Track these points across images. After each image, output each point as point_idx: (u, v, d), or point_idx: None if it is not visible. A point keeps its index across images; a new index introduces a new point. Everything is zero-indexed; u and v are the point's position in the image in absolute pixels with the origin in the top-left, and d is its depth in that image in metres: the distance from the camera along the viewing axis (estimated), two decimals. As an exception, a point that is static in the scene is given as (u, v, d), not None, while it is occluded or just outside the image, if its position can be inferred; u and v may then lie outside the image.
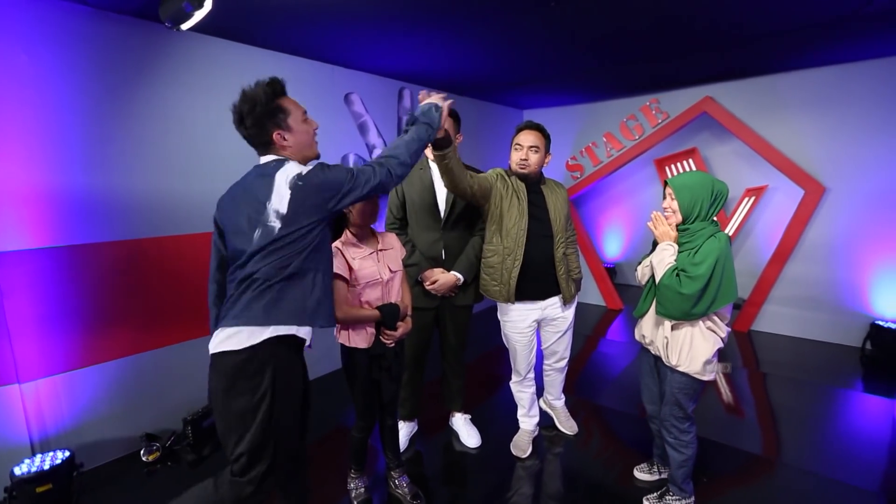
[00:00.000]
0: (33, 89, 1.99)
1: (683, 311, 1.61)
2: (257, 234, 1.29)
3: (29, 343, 2.05)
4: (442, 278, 2.13)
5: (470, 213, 2.21)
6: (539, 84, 4.03)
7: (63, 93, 2.07)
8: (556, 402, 2.55)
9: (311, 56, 3.01)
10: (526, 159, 2.03)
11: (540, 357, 2.41)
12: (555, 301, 2.16)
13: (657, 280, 1.69)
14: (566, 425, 2.50)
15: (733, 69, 3.64)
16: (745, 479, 2.12)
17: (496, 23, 2.49)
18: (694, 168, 4.33)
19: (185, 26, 1.60)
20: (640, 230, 4.88)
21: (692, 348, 1.66)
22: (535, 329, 2.21)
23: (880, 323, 3.41)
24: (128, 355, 2.35)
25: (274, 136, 1.32)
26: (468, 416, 2.51)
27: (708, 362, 1.66)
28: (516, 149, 2.07)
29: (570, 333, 2.31)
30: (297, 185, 1.27)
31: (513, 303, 2.08)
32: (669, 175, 4.53)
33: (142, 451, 2.31)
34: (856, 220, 3.56)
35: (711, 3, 2.27)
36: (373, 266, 1.71)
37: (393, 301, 1.77)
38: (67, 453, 2.03)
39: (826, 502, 1.95)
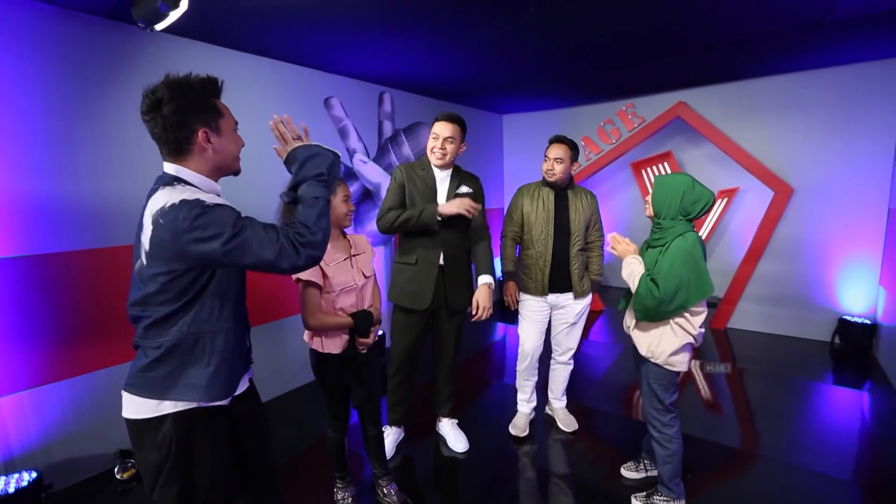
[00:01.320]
0: (-5, 92, 1.90)
1: (658, 313, 1.68)
2: (136, 267, 1.09)
3: (-9, 359, 1.94)
4: (480, 297, 2.12)
5: (480, 220, 2.24)
6: (518, 89, 4.07)
7: (28, 95, 1.97)
8: (557, 402, 2.64)
9: (290, 59, 2.96)
10: (551, 169, 2.31)
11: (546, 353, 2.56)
12: (567, 294, 2.38)
13: (633, 291, 1.75)
14: (566, 422, 2.57)
15: (706, 75, 3.76)
16: (727, 473, 2.16)
17: (476, 27, 2.51)
18: (668, 171, 4.45)
19: (159, 27, 1.55)
20: (619, 232, 4.97)
21: (659, 342, 1.74)
22: (547, 317, 2.43)
23: (847, 318, 3.55)
24: (99, 369, 2.25)
25: (199, 133, 1.08)
26: (455, 421, 2.50)
27: (674, 354, 1.72)
28: (545, 160, 2.35)
29: (578, 328, 2.46)
30: (158, 221, 1.01)
31: (547, 295, 2.34)
32: (645, 178, 4.65)
33: (116, 469, 2.21)
34: (822, 219, 3.71)
35: (684, 12, 2.34)
36: (347, 273, 1.71)
37: (366, 306, 1.78)
38: (34, 474, 1.92)
39: (803, 492, 2.00)
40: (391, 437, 2.34)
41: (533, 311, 2.40)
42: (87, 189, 2.17)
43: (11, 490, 1.82)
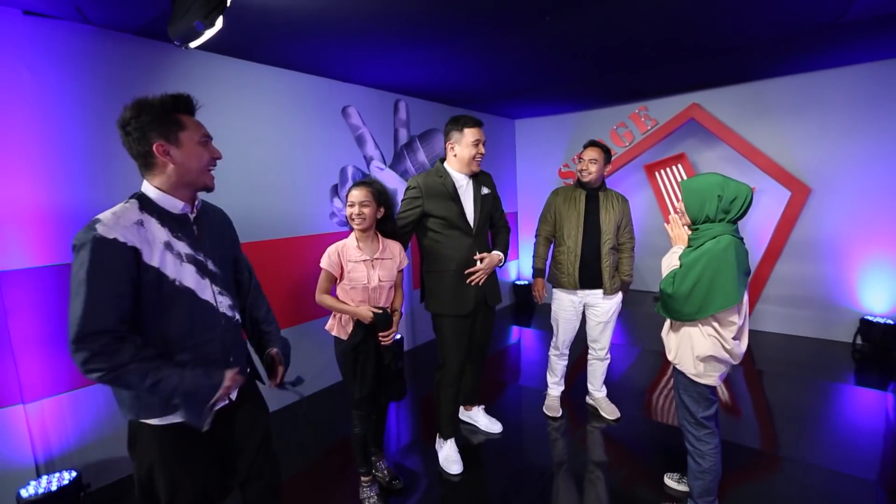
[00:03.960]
0: (37, 107, 2.00)
1: (674, 311, 1.63)
2: None
3: (33, 362, 2.03)
4: (487, 257, 2.17)
5: (488, 216, 2.29)
6: (531, 94, 4.12)
7: (67, 110, 2.08)
8: (597, 392, 2.79)
9: (310, 70, 3.05)
10: (586, 169, 2.46)
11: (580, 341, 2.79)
12: (598, 291, 2.53)
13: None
14: (608, 411, 2.72)
15: (719, 77, 3.77)
16: (750, 474, 2.16)
17: (491, 38, 2.56)
18: (683, 173, 4.45)
19: (193, 44, 1.63)
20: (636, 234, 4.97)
21: (684, 346, 1.67)
22: (579, 313, 2.61)
23: (870, 318, 3.51)
24: (132, 372, 2.33)
25: (155, 146, 1.09)
26: (483, 407, 2.69)
27: (701, 361, 1.63)
28: (580, 161, 2.50)
29: (610, 327, 2.62)
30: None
31: (578, 289, 2.52)
32: (659, 180, 4.65)
33: (148, 469, 2.28)
34: (841, 218, 3.68)
35: (698, 15, 2.37)
36: (363, 272, 1.89)
37: (382, 304, 1.93)
38: (74, 473, 2.01)
39: (828, 493, 2.00)
40: (452, 448, 2.29)
41: (565, 308, 2.60)
42: (120, 199, 2.25)
43: (54, 488, 1.90)
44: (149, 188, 1.16)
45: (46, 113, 2.03)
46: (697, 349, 1.64)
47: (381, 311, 1.85)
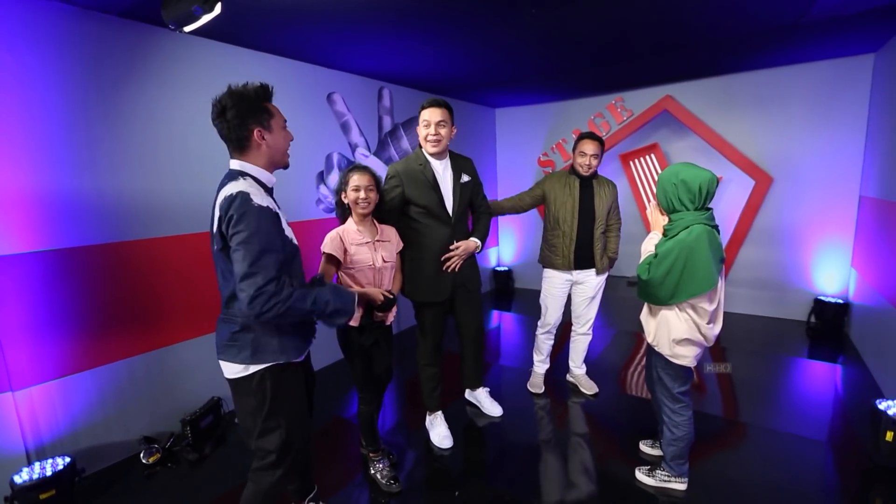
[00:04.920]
0: (18, 91, 1.95)
1: (649, 295, 1.73)
2: (215, 247, 1.31)
3: (20, 350, 2.01)
4: (464, 244, 2.21)
5: (468, 204, 2.30)
6: (512, 84, 4.20)
7: (49, 94, 2.03)
8: (578, 370, 2.96)
9: (295, 56, 3.04)
10: (588, 164, 2.55)
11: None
12: (590, 270, 2.68)
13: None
14: (587, 386, 2.89)
15: (690, 70, 3.95)
16: (716, 439, 2.36)
17: (475, 28, 2.62)
18: (655, 162, 4.64)
19: (188, 29, 1.63)
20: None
21: (662, 329, 1.77)
22: (567, 291, 2.75)
23: (822, 298, 3.81)
24: (121, 359, 2.33)
25: (255, 133, 1.30)
26: (488, 390, 2.74)
27: (677, 343, 1.73)
28: (581, 155, 2.56)
29: (596, 301, 2.78)
30: (223, 207, 1.24)
31: (573, 270, 2.66)
32: (633, 169, 4.84)
33: (141, 454, 2.30)
34: (799, 206, 3.95)
35: (673, 14, 2.50)
36: (367, 253, 1.89)
37: (383, 287, 1.93)
38: (68, 459, 2.01)
39: (783, 452, 2.21)
40: (439, 419, 2.43)
41: (556, 286, 2.73)
42: (106, 185, 2.24)
43: (49, 473, 1.91)
44: (248, 166, 1.33)
45: (27, 97, 1.97)
46: (674, 332, 1.73)
47: (391, 296, 1.81)
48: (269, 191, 1.39)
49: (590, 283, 2.70)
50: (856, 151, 3.64)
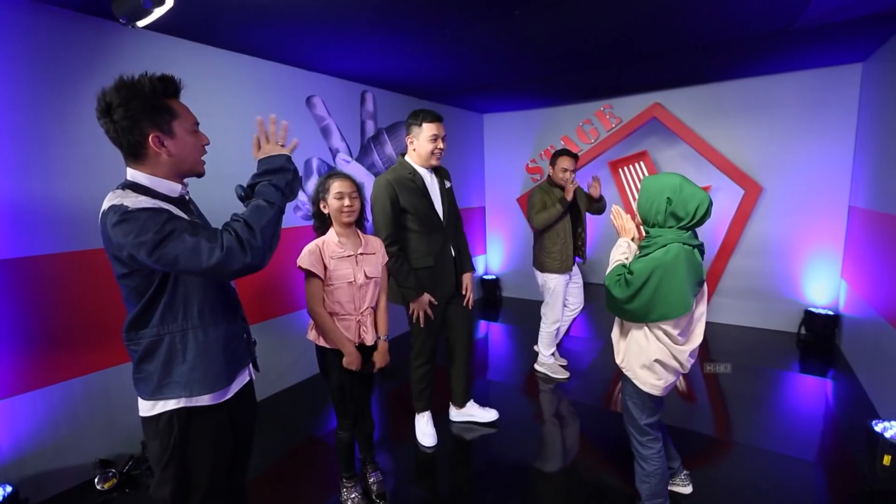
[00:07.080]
0: (-40, 88, 1.80)
1: (617, 308, 1.61)
2: (115, 274, 1.09)
3: (-41, 369, 1.85)
4: (468, 282, 2.42)
5: (454, 211, 2.40)
6: (499, 89, 4.11)
7: (-4, 92, 1.89)
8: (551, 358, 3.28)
9: (273, 58, 2.92)
10: (565, 178, 2.92)
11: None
12: (575, 264, 3.11)
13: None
14: (559, 372, 3.23)
15: (679, 78, 3.89)
16: (702, 459, 2.26)
17: (459, 30, 2.52)
18: (644, 170, 4.58)
19: (141, 23, 1.50)
20: (601, 228, 5.09)
21: (630, 348, 1.64)
22: (565, 286, 3.13)
23: (812, 309, 3.75)
24: (74, 377, 2.17)
25: (150, 138, 1.03)
26: (472, 401, 2.70)
27: (647, 367, 1.59)
28: (564, 171, 2.93)
29: (582, 285, 3.25)
30: (101, 226, 1.02)
31: (571, 272, 3.08)
32: (622, 176, 4.78)
33: (96, 479, 2.14)
34: (788, 216, 3.90)
35: (660, 20, 2.42)
36: (348, 268, 1.75)
37: (365, 305, 1.80)
38: (9, 488, 1.84)
39: (772, 475, 2.11)
40: (425, 419, 2.46)
41: (560, 288, 3.07)
42: (57, 190, 2.08)
43: (-15, 506, 1.74)
44: (142, 177, 1.08)
45: (-29, 93, 1.83)
46: (643, 354, 1.60)
47: (365, 353, 1.75)
48: (176, 202, 1.12)
49: (577, 273, 3.19)
50: (845, 162, 3.60)
